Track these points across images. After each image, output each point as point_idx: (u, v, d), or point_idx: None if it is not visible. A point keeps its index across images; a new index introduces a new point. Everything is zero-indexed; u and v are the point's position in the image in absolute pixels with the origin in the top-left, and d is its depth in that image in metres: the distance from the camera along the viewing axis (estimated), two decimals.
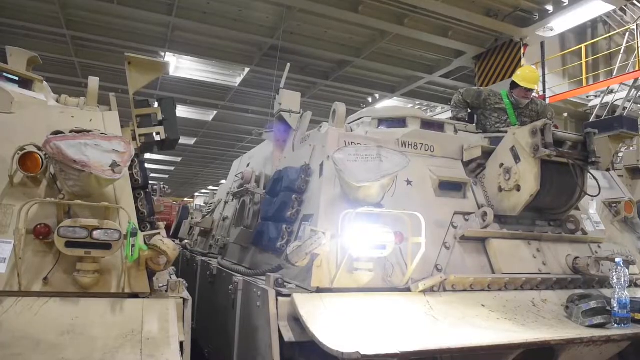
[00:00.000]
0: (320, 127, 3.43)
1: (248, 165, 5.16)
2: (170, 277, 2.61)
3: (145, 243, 2.30)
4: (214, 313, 3.83)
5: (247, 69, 13.57)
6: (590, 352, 2.63)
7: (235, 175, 5.27)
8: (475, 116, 4.58)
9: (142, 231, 2.53)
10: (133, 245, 2.16)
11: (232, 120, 17.96)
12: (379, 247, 2.43)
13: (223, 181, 9.27)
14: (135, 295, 2.28)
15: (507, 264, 2.97)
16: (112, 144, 2.22)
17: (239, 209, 4.39)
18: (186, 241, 6.29)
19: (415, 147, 3.29)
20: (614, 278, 2.73)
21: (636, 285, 3.44)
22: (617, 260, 2.80)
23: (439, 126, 3.59)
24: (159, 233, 2.51)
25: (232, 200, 4.90)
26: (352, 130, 3.46)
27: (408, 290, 2.64)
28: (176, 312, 2.25)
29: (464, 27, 11.18)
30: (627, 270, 2.81)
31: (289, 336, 2.35)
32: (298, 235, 2.92)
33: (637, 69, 11.01)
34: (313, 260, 2.50)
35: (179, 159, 26.06)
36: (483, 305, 2.69)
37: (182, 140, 20.71)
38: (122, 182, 2.45)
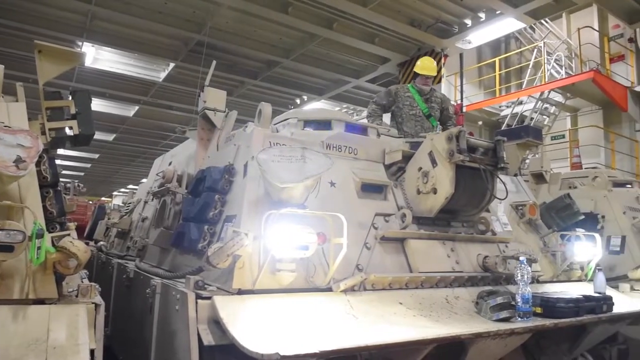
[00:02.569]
0: (246, 127, 3.40)
1: (170, 163, 4.98)
2: (82, 281, 2.46)
3: (54, 245, 2.14)
4: (130, 318, 3.66)
5: (172, 64, 13.10)
6: (496, 345, 2.82)
7: (157, 174, 5.08)
8: (391, 114, 4.98)
9: (50, 232, 2.35)
10: (39, 248, 2.00)
11: (155, 116, 17.24)
12: (301, 247, 2.45)
13: (144, 180, 8.88)
14: (41, 302, 2.11)
15: (423, 263, 3.11)
16: (17, 138, 2.05)
17: (159, 209, 4.23)
18: (102, 243, 5.96)
19: (339, 150, 3.35)
20: (518, 275, 2.95)
21: (538, 282, 3.74)
22: (521, 258, 3.03)
23: (362, 130, 3.68)
24: (68, 234, 2.35)
25: (152, 200, 4.71)
26: (277, 131, 3.45)
27: (330, 290, 2.68)
28: (87, 318, 2.12)
29: (390, 35, 11.56)
30: (529, 268, 3.05)
31: (208, 339, 2.30)
32: (220, 236, 2.86)
33: (543, 83, 11.98)
34: (235, 262, 2.47)
35: (96, 156, 24.58)
36: (401, 303, 2.79)
37: (100, 135, 19.68)
38: (28, 180, 2.27)
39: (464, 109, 12.15)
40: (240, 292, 2.47)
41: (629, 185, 6.01)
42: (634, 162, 11.40)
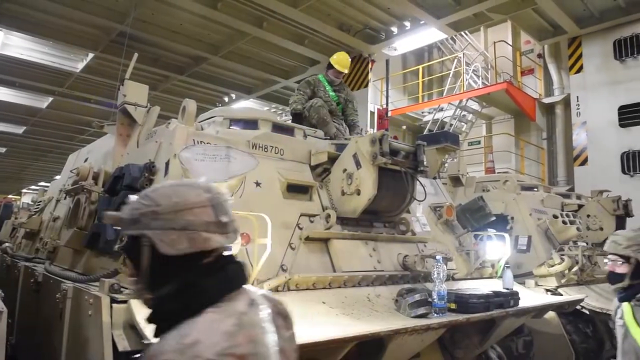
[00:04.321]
0: (169, 123, 3.28)
1: (86, 160, 4.71)
2: None
3: None
4: (39, 326, 3.40)
5: (91, 55, 12.35)
6: (414, 340, 2.94)
7: (71, 171, 4.78)
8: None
9: None
10: None
11: (71, 109, 16.16)
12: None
13: (57, 177, 8.32)
14: None
15: (346, 262, 3.17)
16: None
17: (73, 209, 3.97)
18: (7, 244, 5.49)
19: (266, 150, 3.34)
20: (435, 273, 3.09)
21: (453, 279, 3.95)
22: (437, 257, 3.18)
23: (289, 130, 3.69)
24: None
25: (65, 198, 4.42)
26: (202, 129, 3.37)
27: None
28: None
29: (319, 37, 11.69)
30: (445, 266, 3.21)
31: (124, 345, 2.20)
32: None
33: (461, 91, 12.67)
34: None
35: (3, 150, 22.58)
36: (324, 303, 2.83)
37: (7, 128, 18.17)
38: None
39: (389, 114, 12.56)
40: None
41: (536, 189, 6.52)
42: (540, 168, 12.39)
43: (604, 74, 10.67)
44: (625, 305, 2.54)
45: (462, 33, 13.26)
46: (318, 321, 2.57)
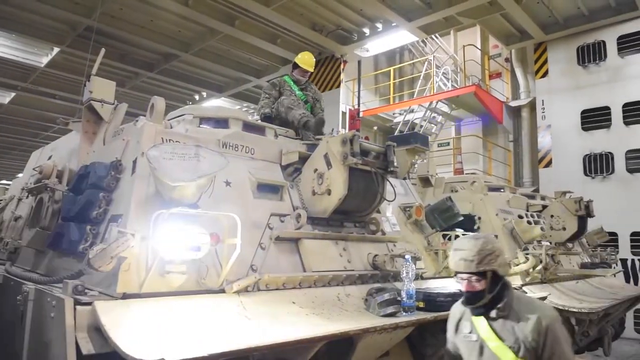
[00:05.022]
0: (137, 121, 3.22)
1: (50, 157, 4.57)
2: None
3: None
4: None
5: (56, 49, 12.01)
6: (382, 339, 2.97)
7: (33, 169, 4.62)
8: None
9: None
10: None
11: (35, 105, 15.65)
12: (193, 248, 2.37)
13: (19, 175, 8.04)
14: None
15: (317, 262, 3.18)
16: None
17: (35, 208, 3.84)
18: None
19: (236, 149, 3.31)
20: (404, 272, 3.13)
21: (422, 278, 4.00)
22: (406, 257, 3.22)
23: (260, 130, 3.67)
24: None
25: (28, 197, 4.26)
26: (171, 127, 3.31)
27: (222, 291, 2.63)
28: None
29: (292, 37, 11.68)
30: (414, 266, 3.25)
31: (88, 348, 2.13)
32: (104, 237, 2.68)
33: (432, 93, 12.87)
34: (120, 264, 2.32)
35: None
36: (294, 302, 2.83)
37: None
38: None
39: (361, 114, 12.64)
40: (125, 296, 2.33)
41: (502, 190, 6.69)
42: (506, 169, 12.70)
43: (567, 79, 11.04)
44: (477, 319, 2.36)
45: (433, 36, 13.48)
46: (288, 321, 2.56)
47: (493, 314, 2.29)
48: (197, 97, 15.74)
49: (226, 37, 11.57)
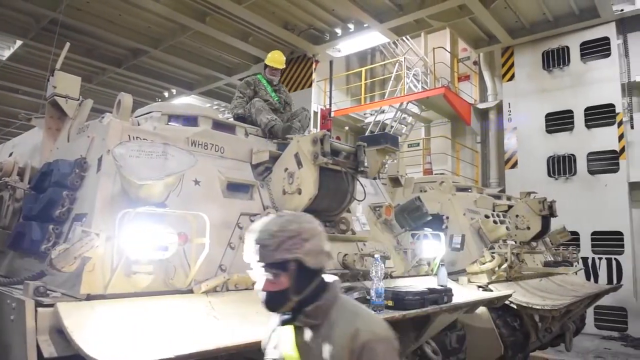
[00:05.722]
0: (103, 117, 3.14)
1: (11, 154, 4.40)
2: None
3: None
4: None
5: (19, 42, 11.59)
6: None
7: None
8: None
9: None
10: None
11: None
12: (160, 248, 2.33)
13: None
14: None
15: None
16: None
17: None
18: None
19: (206, 147, 3.27)
20: (373, 271, 3.16)
21: (391, 277, 4.05)
22: (375, 256, 3.24)
23: (230, 128, 3.64)
24: None
25: None
26: (138, 124, 3.25)
27: (191, 292, 2.60)
28: None
29: (264, 35, 11.61)
30: (383, 265, 3.28)
31: (49, 351, 2.07)
32: (67, 237, 2.61)
33: (402, 94, 13.03)
34: (84, 265, 2.26)
35: None
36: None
37: None
38: None
39: (332, 114, 12.68)
40: (89, 297, 2.28)
41: (469, 190, 6.82)
42: (474, 170, 12.98)
43: (533, 82, 11.35)
44: (284, 330, 1.68)
45: (404, 38, 13.64)
46: (257, 321, 2.54)
47: (300, 321, 1.60)
48: (166, 94, 15.47)
49: (197, 34, 11.42)
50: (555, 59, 11.06)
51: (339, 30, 11.62)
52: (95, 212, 2.48)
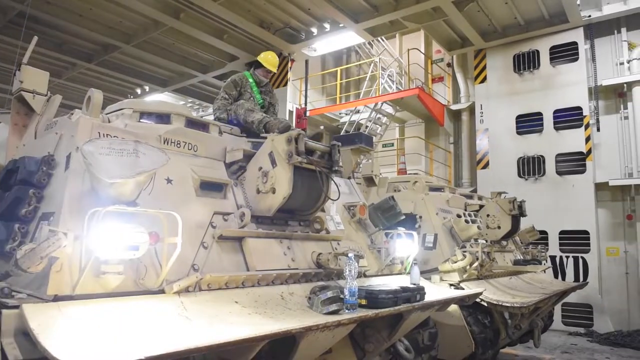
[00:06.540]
0: (72, 114, 3.06)
1: None
2: None
3: None
4: None
5: None
6: (325, 336, 2.99)
7: None
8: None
9: None
10: None
11: None
12: (131, 248, 2.29)
13: None
14: None
15: (260, 261, 3.16)
16: None
17: None
18: None
19: (178, 145, 3.23)
20: (347, 270, 3.17)
21: (365, 276, 4.07)
22: (349, 255, 3.26)
23: (204, 126, 3.59)
24: None
25: None
26: (109, 121, 3.18)
27: (162, 292, 2.56)
28: None
29: (239, 33, 11.52)
30: (356, 264, 3.30)
31: (14, 355, 2.01)
32: (34, 236, 2.54)
33: (377, 95, 13.13)
34: (51, 265, 2.21)
35: None
36: (236, 302, 2.79)
37: None
38: None
39: (308, 113, 12.68)
40: (56, 298, 2.22)
41: (442, 190, 6.92)
42: (447, 170, 13.18)
43: (504, 85, 11.60)
44: None
45: (379, 39, 13.74)
46: (230, 321, 2.53)
47: None
48: (139, 90, 15.19)
49: (171, 30, 11.25)
50: (526, 63, 11.33)
51: (314, 30, 11.62)
52: (63, 210, 2.42)
